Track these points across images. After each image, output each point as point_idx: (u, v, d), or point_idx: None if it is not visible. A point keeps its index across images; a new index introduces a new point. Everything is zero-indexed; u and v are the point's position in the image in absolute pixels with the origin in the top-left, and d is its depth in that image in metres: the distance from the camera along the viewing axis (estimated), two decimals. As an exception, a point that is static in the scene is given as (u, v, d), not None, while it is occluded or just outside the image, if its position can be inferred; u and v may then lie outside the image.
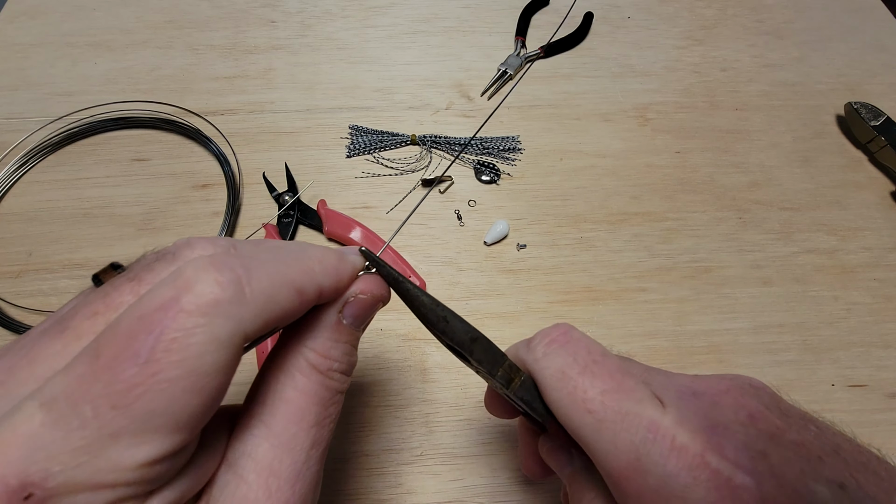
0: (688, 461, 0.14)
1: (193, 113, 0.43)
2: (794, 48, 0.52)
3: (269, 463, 0.15)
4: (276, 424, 0.16)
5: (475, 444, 0.31)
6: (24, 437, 0.11)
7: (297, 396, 0.16)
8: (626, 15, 0.54)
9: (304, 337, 0.17)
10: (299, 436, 0.16)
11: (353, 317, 0.18)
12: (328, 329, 0.17)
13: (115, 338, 0.12)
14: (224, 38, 0.49)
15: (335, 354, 0.17)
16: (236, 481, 0.15)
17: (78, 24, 0.50)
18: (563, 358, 0.18)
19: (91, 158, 0.41)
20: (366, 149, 0.43)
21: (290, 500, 0.15)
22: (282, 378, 0.16)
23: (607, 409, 0.16)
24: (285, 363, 0.17)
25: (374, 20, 0.52)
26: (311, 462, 0.16)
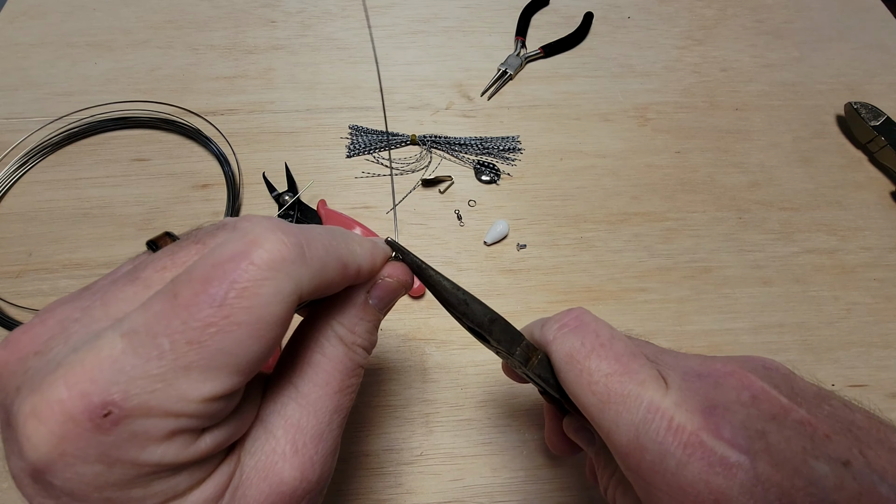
0: (683, 440, 0.15)
1: (193, 113, 0.43)
2: (793, 48, 0.52)
3: (297, 421, 0.16)
4: (304, 386, 0.17)
5: (475, 444, 0.31)
6: (107, 360, 0.12)
7: (324, 363, 0.17)
8: (626, 15, 0.54)
9: (334, 312, 0.18)
10: (324, 399, 0.17)
11: (379, 299, 0.19)
12: (356, 307, 0.19)
13: (191, 282, 0.13)
14: (224, 38, 0.49)
15: (360, 331, 0.19)
16: (266, 436, 0.16)
17: (78, 24, 0.50)
18: (571, 341, 0.19)
19: (91, 158, 0.41)
20: (366, 149, 0.43)
21: (313, 458, 0.16)
22: (312, 346, 0.18)
23: (610, 390, 0.17)
24: (316, 333, 0.18)
25: (374, 20, 0.52)
26: (333, 425, 0.17)
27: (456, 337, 0.34)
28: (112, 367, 0.12)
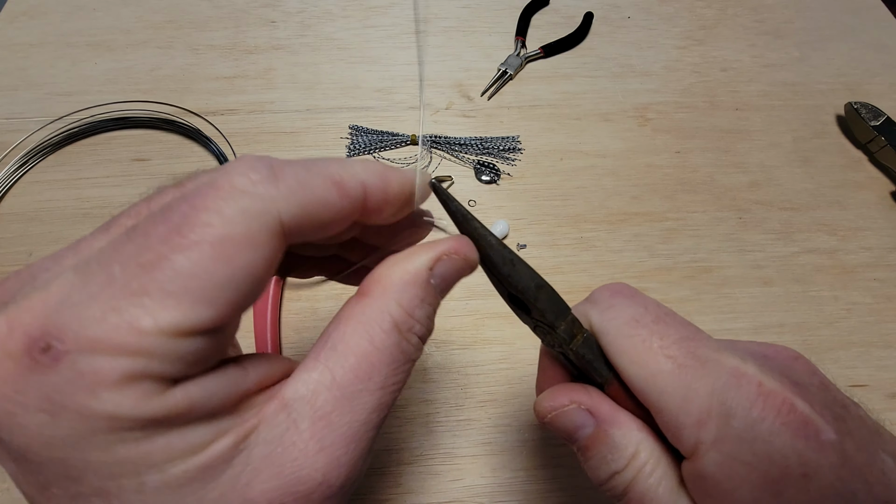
0: (776, 406, 0.14)
1: (193, 113, 0.43)
2: (794, 48, 0.52)
3: (328, 414, 0.14)
4: (344, 377, 0.14)
5: (475, 444, 0.31)
6: (54, 295, 0.11)
7: (371, 351, 0.15)
8: (626, 15, 0.54)
9: (389, 290, 0.16)
10: (364, 395, 0.14)
11: (442, 277, 0.17)
12: (417, 285, 0.16)
13: (151, 213, 0.13)
14: (224, 38, 0.49)
15: (419, 315, 0.16)
16: (287, 423, 0.14)
17: (78, 24, 0.50)
18: (634, 308, 0.18)
19: (91, 158, 0.41)
20: (366, 149, 0.43)
21: (340, 459, 0.14)
22: (360, 329, 0.15)
23: (688, 354, 0.16)
24: (365, 314, 0.15)
25: (375, 20, 0.52)
26: (369, 426, 0.15)
27: (456, 337, 0.34)
28: (58, 301, 0.11)
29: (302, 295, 0.36)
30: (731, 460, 0.14)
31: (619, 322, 0.17)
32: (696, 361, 0.16)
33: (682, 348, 0.16)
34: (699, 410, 0.15)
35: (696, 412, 0.15)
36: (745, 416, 0.14)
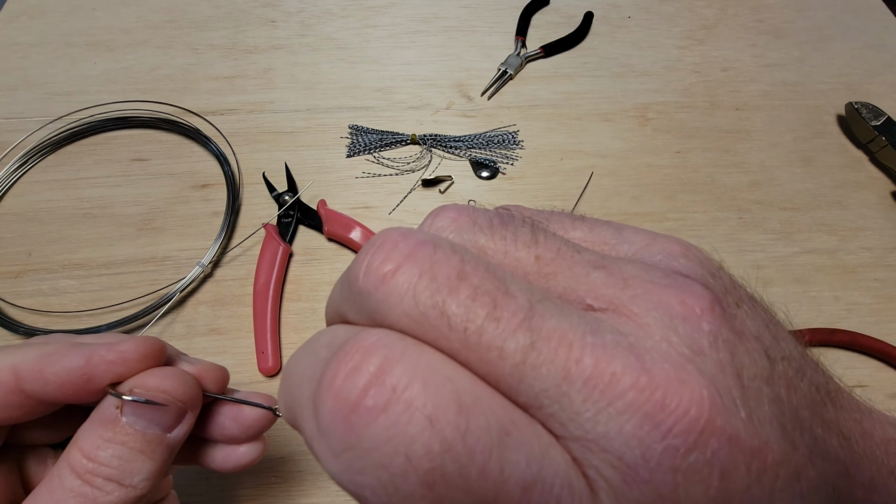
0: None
1: (193, 113, 0.43)
2: (794, 48, 0.52)
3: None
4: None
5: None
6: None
7: (44, 499, 0.14)
8: (626, 15, 0.53)
9: (76, 437, 0.15)
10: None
11: (137, 416, 0.15)
12: (101, 426, 0.15)
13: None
14: (224, 38, 0.49)
15: (103, 457, 0.14)
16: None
17: (78, 23, 0.50)
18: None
19: (91, 158, 0.41)
20: (366, 148, 0.42)
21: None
22: (44, 485, 0.14)
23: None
24: (54, 468, 0.15)
25: (374, 20, 0.52)
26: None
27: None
28: None
29: (302, 295, 0.36)
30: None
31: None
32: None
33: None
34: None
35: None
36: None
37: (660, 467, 0.09)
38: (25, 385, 0.15)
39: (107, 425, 0.15)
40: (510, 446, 0.09)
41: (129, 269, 0.36)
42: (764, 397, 0.10)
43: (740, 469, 0.09)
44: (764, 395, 0.10)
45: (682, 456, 0.09)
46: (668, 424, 0.09)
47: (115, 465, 0.14)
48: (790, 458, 0.10)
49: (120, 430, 0.15)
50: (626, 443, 0.09)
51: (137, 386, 0.15)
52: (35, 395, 0.15)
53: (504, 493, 0.09)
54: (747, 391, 0.10)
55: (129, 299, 0.35)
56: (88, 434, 0.15)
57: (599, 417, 0.09)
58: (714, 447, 0.09)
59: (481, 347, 0.09)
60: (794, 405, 0.10)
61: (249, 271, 0.36)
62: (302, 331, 0.35)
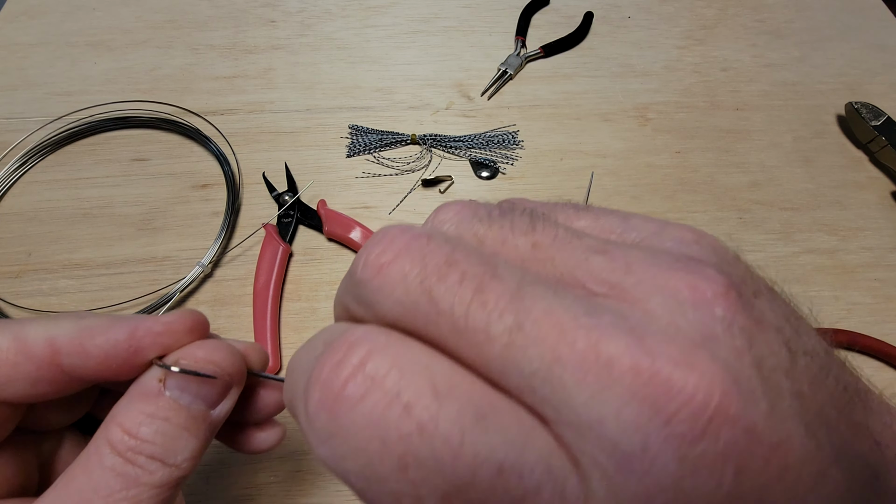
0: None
1: (193, 113, 0.43)
2: (794, 48, 0.52)
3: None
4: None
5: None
6: None
7: (85, 484, 0.13)
8: (626, 15, 0.53)
9: (114, 412, 0.14)
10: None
11: (182, 389, 0.14)
12: (142, 400, 0.14)
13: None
14: (224, 38, 0.49)
15: (146, 433, 0.13)
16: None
17: (78, 23, 0.50)
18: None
19: (91, 158, 0.41)
20: (366, 148, 0.43)
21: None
22: (80, 461, 0.13)
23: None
24: (90, 444, 0.14)
25: (374, 20, 0.52)
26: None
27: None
28: None
29: (302, 295, 0.36)
30: None
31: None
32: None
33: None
34: None
35: None
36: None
37: (661, 457, 0.08)
38: (63, 359, 0.14)
39: (149, 400, 0.14)
40: (486, 430, 0.09)
41: (128, 269, 0.36)
42: (785, 391, 0.09)
43: (758, 465, 0.08)
44: (784, 389, 0.09)
45: (688, 445, 0.08)
46: (671, 410, 0.08)
47: (158, 441, 0.14)
48: (814, 457, 0.09)
49: (163, 404, 0.14)
50: (623, 430, 0.08)
51: (185, 357, 0.14)
52: (73, 370, 0.14)
53: (479, 476, 0.09)
54: (767, 382, 0.09)
55: (129, 299, 0.35)
56: (129, 409, 0.14)
57: (593, 402, 0.08)
58: (727, 438, 0.08)
59: (469, 331, 0.09)
60: (819, 403, 0.10)
61: (249, 271, 0.36)
62: (302, 331, 0.35)
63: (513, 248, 0.11)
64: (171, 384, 0.14)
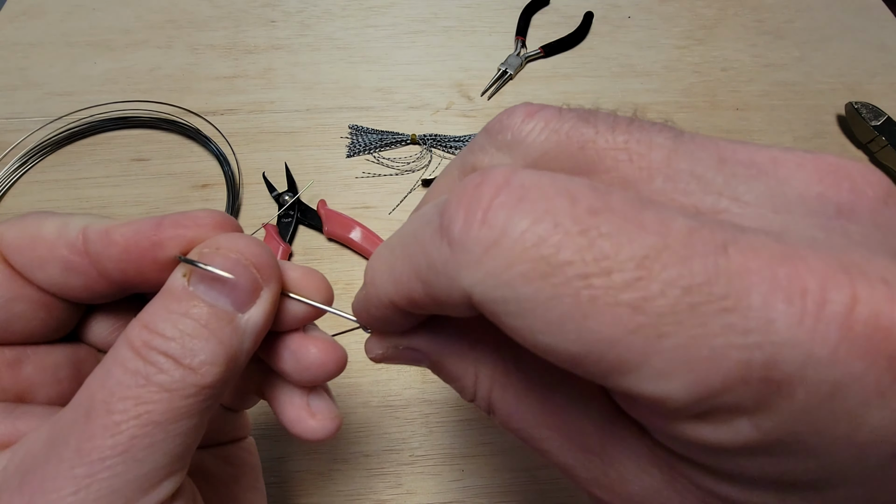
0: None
1: (193, 113, 0.43)
2: (794, 48, 0.52)
3: (34, 469, 0.11)
4: (62, 419, 0.12)
5: (475, 445, 0.31)
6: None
7: (95, 375, 0.12)
8: (626, 15, 0.53)
9: (141, 313, 0.13)
10: (76, 433, 0.11)
11: (209, 283, 0.13)
12: (165, 294, 0.13)
13: None
14: (224, 38, 0.49)
15: (165, 328, 0.12)
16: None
17: (78, 23, 0.50)
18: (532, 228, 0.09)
19: (91, 158, 0.41)
20: (366, 148, 0.42)
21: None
22: (100, 366, 0.13)
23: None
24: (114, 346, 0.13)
25: (374, 20, 0.52)
26: (97, 480, 0.11)
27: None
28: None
29: (302, 295, 0.36)
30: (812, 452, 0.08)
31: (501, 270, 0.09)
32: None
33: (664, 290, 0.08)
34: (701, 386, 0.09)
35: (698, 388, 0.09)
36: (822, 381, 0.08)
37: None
38: (90, 245, 0.14)
39: (173, 296, 0.13)
40: (656, 206, 0.09)
41: (129, 269, 0.36)
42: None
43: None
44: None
45: None
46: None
47: (175, 337, 0.12)
48: None
49: (186, 299, 0.13)
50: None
51: (207, 246, 0.13)
52: (98, 257, 0.14)
53: (673, 231, 0.08)
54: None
55: (129, 299, 0.35)
56: (152, 306, 0.13)
57: (772, 189, 0.10)
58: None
59: (631, 143, 0.11)
60: None
61: (249, 271, 0.36)
62: (302, 331, 0.35)
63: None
64: (195, 279, 0.13)
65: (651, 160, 0.10)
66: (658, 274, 0.08)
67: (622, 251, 0.08)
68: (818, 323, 0.08)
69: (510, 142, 0.11)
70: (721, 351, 0.08)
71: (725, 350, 0.08)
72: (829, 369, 0.08)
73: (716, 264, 0.08)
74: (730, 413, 0.08)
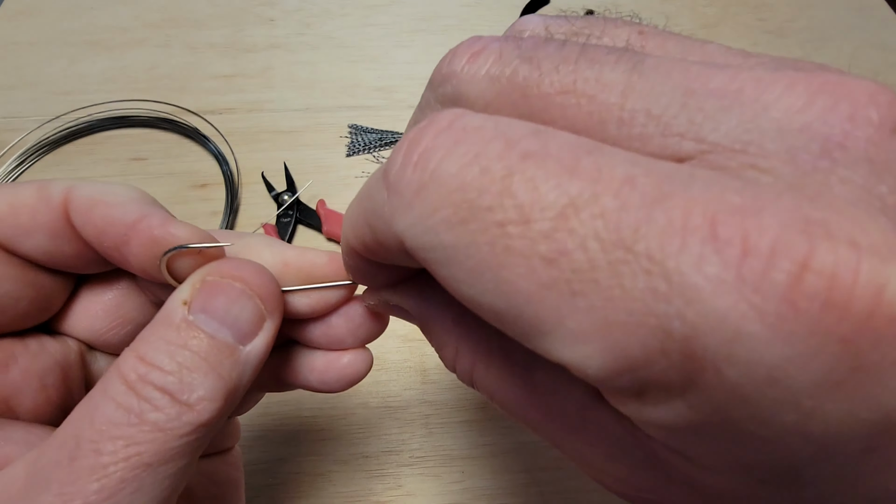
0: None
1: (191, 112, 0.43)
2: (796, 47, 0.51)
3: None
4: (44, 455, 0.11)
5: (476, 446, 0.31)
6: None
7: (82, 408, 0.11)
8: (626, 14, 0.53)
9: (136, 340, 0.12)
10: (52, 467, 0.11)
11: (208, 314, 0.12)
12: (161, 321, 0.12)
13: None
14: (222, 37, 0.49)
15: (159, 360, 0.11)
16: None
17: (76, 22, 0.49)
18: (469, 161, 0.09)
19: (89, 158, 0.41)
20: (365, 148, 0.42)
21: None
22: (87, 397, 0.12)
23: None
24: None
25: (374, 18, 0.51)
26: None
27: (456, 338, 0.34)
28: None
29: (301, 295, 0.36)
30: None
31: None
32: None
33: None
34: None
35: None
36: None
37: (837, 160, 0.07)
38: (74, 215, 0.13)
39: (171, 325, 0.12)
40: (603, 152, 0.08)
41: (126, 269, 0.36)
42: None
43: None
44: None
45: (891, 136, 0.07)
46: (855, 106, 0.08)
47: (173, 370, 0.11)
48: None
49: (186, 329, 0.12)
50: (800, 138, 0.08)
51: (211, 274, 0.12)
52: (82, 228, 0.13)
53: (602, 183, 0.08)
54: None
55: (127, 300, 0.34)
56: (148, 335, 0.12)
57: (747, 121, 0.08)
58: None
59: (579, 85, 0.09)
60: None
61: (248, 271, 0.36)
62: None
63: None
64: (195, 306, 0.12)
65: (602, 102, 0.09)
66: (578, 225, 0.07)
67: (543, 198, 0.08)
68: (754, 294, 0.06)
69: (451, 95, 0.10)
70: (639, 317, 0.07)
71: (644, 317, 0.07)
72: (765, 350, 0.07)
73: (648, 218, 0.07)
74: (663, 391, 0.08)
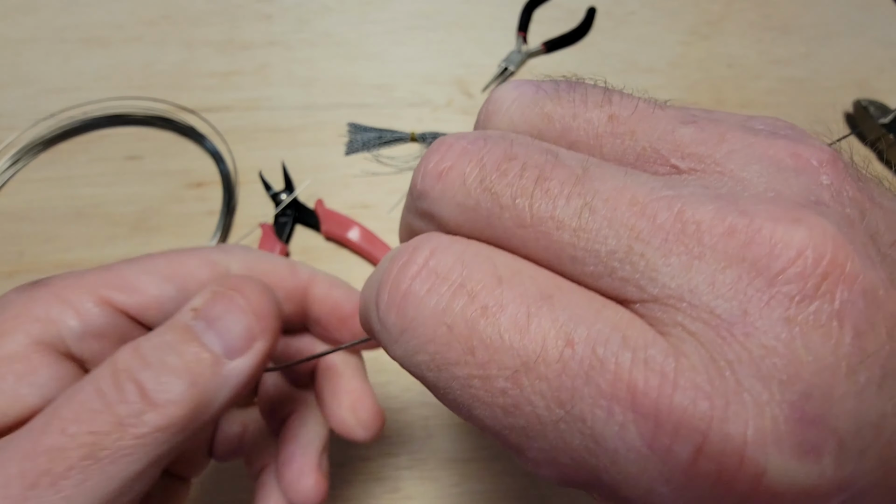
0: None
1: (188, 110, 0.43)
2: (801, 44, 0.51)
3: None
4: (18, 435, 0.11)
5: (475, 449, 0.30)
6: None
7: (76, 387, 0.12)
8: (629, 10, 0.53)
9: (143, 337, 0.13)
10: (15, 459, 0.11)
11: (207, 322, 0.13)
12: (168, 324, 0.13)
13: None
14: (219, 34, 0.48)
15: (150, 355, 0.12)
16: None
17: (70, 19, 0.49)
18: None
19: (84, 156, 0.41)
20: (364, 146, 0.42)
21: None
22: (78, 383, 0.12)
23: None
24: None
25: (373, 15, 0.51)
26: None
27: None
28: None
29: (299, 296, 0.35)
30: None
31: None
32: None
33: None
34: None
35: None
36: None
37: (766, 319, 0.07)
38: (314, 296, 0.17)
39: (174, 327, 0.13)
40: (553, 307, 0.09)
41: (122, 269, 0.36)
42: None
43: (879, 332, 0.07)
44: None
45: (797, 306, 0.07)
46: (775, 270, 0.07)
47: (153, 367, 0.12)
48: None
49: (183, 333, 0.12)
50: (720, 295, 0.08)
51: (221, 286, 0.14)
52: (310, 308, 0.17)
53: (547, 350, 0.09)
54: (883, 256, 0.08)
55: (123, 301, 0.34)
56: (154, 331, 0.13)
57: (683, 274, 0.08)
58: (843, 297, 0.07)
59: (535, 221, 0.09)
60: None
61: (245, 272, 0.35)
62: (299, 333, 0.34)
63: (585, 123, 0.11)
64: (203, 313, 0.13)
65: (556, 241, 0.09)
66: (528, 385, 0.09)
67: (499, 359, 0.09)
68: (663, 465, 0.08)
69: (427, 212, 0.11)
70: (578, 464, 0.09)
71: (581, 465, 0.09)
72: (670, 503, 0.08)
73: (584, 382, 0.08)
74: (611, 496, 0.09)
